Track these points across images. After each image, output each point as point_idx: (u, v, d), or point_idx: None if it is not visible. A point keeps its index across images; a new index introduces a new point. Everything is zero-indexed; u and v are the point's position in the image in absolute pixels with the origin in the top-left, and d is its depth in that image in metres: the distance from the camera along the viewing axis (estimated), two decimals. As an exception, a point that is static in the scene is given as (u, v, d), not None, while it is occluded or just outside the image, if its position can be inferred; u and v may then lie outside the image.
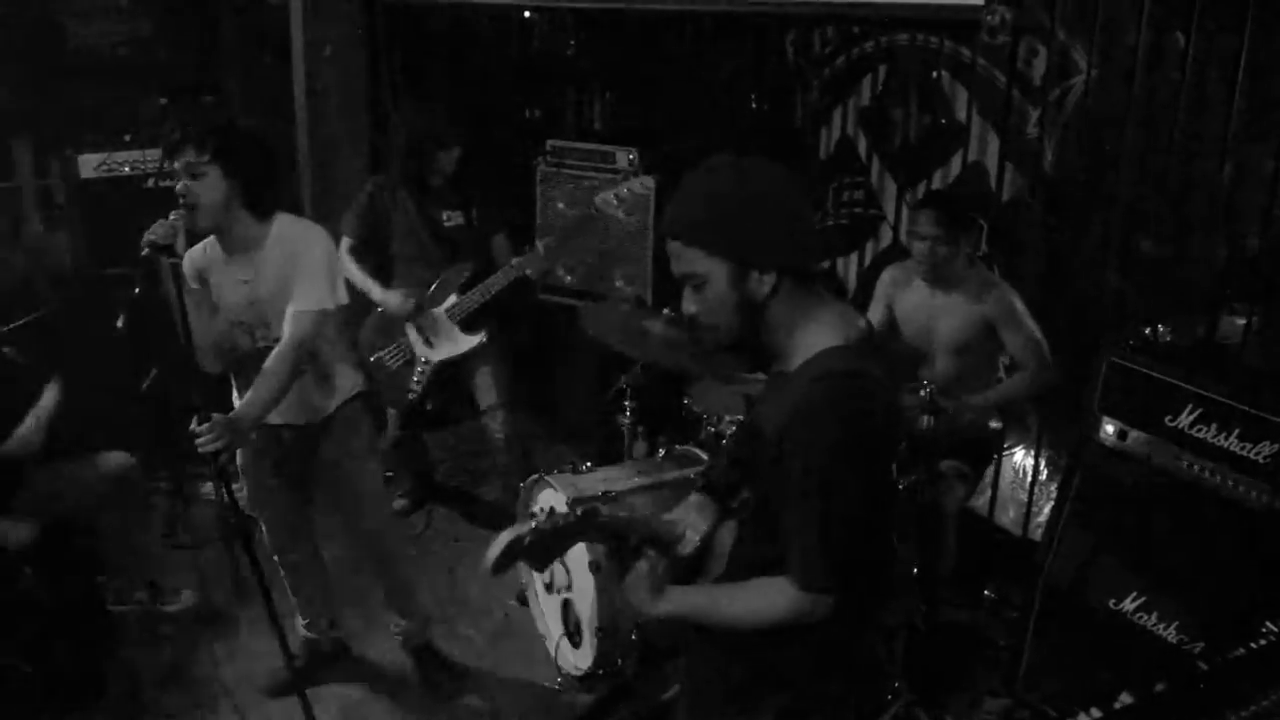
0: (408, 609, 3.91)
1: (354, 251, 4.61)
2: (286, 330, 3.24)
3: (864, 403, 1.90)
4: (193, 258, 3.34)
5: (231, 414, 3.14)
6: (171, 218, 3.04)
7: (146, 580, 4.27)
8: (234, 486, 3.33)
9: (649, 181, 4.39)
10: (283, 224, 3.32)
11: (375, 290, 4.57)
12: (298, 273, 3.23)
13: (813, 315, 1.99)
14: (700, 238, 1.94)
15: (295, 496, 3.75)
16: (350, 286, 4.64)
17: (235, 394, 3.51)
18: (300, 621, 3.92)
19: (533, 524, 2.10)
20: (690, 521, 2.28)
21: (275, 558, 3.79)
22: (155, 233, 2.98)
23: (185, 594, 4.26)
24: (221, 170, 3.11)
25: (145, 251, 2.97)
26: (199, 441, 2.98)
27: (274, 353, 3.23)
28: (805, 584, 1.93)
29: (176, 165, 3.12)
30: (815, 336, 1.97)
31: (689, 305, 2.01)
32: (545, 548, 2.12)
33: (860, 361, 1.94)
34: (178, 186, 3.11)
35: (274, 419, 3.35)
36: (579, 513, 2.17)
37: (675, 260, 1.99)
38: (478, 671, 3.99)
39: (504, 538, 2.08)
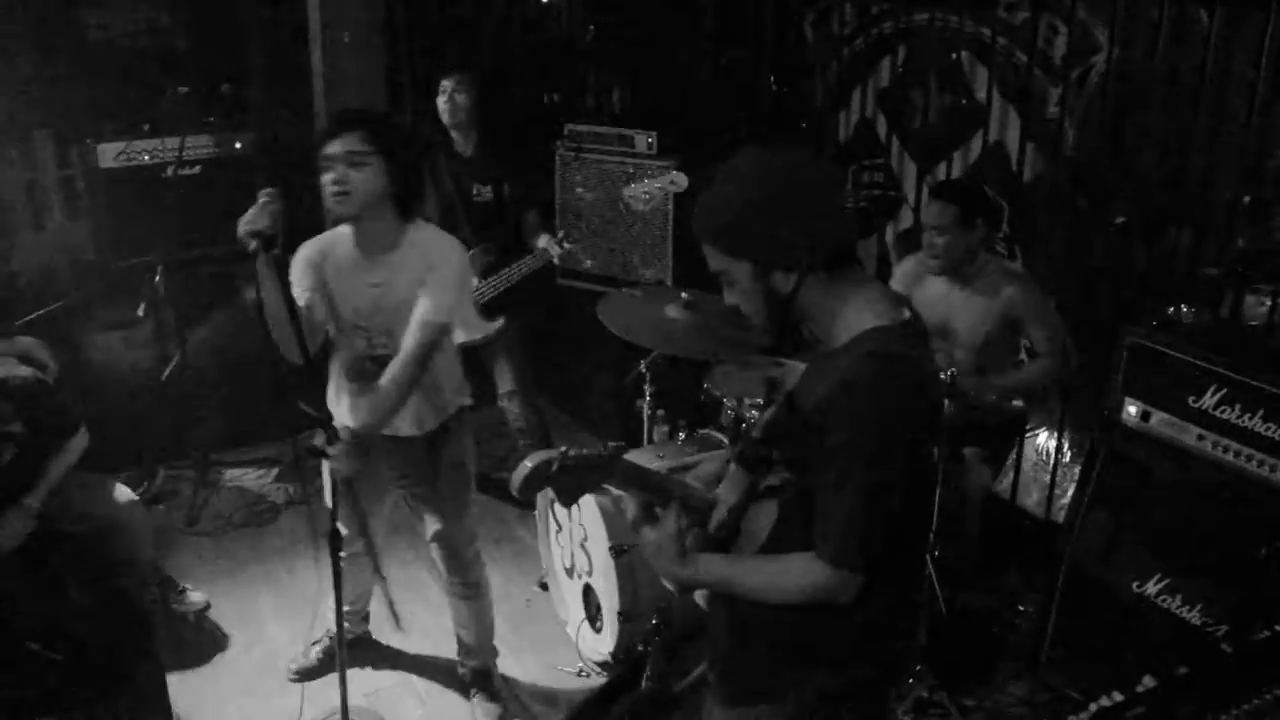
0: (477, 640, 3.73)
1: None
2: (412, 338, 3.06)
3: (904, 383, 1.90)
4: (319, 247, 3.17)
5: (357, 428, 3.00)
6: (262, 200, 2.79)
7: (159, 576, 4.21)
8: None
9: (682, 180, 4.35)
10: (421, 230, 3.15)
11: None
12: (431, 281, 3.06)
13: (851, 297, 1.98)
14: (721, 241, 1.97)
15: (376, 496, 3.53)
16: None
17: (333, 393, 3.34)
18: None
19: (561, 449, 2.07)
20: (720, 493, 2.28)
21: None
22: (258, 222, 2.73)
23: (196, 596, 4.22)
24: (384, 164, 2.96)
25: (253, 246, 2.72)
26: (333, 465, 2.90)
27: (398, 362, 3.07)
28: (834, 559, 1.92)
29: (333, 149, 2.92)
30: (857, 316, 1.96)
31: (729, 298, 2.05)
32: (573, 479, 2.09)
33: (902, 343, 1.94)
34: (332, 173, 2.92)
35: (358, 422, 3.14)
36: (609, 446, 2.13)
37: (708, 258, 2.02)
38: (500, 656, 3.99)
39: (533, 460, 2.05)
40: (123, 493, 4.02)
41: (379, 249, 3.10)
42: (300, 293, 3.10)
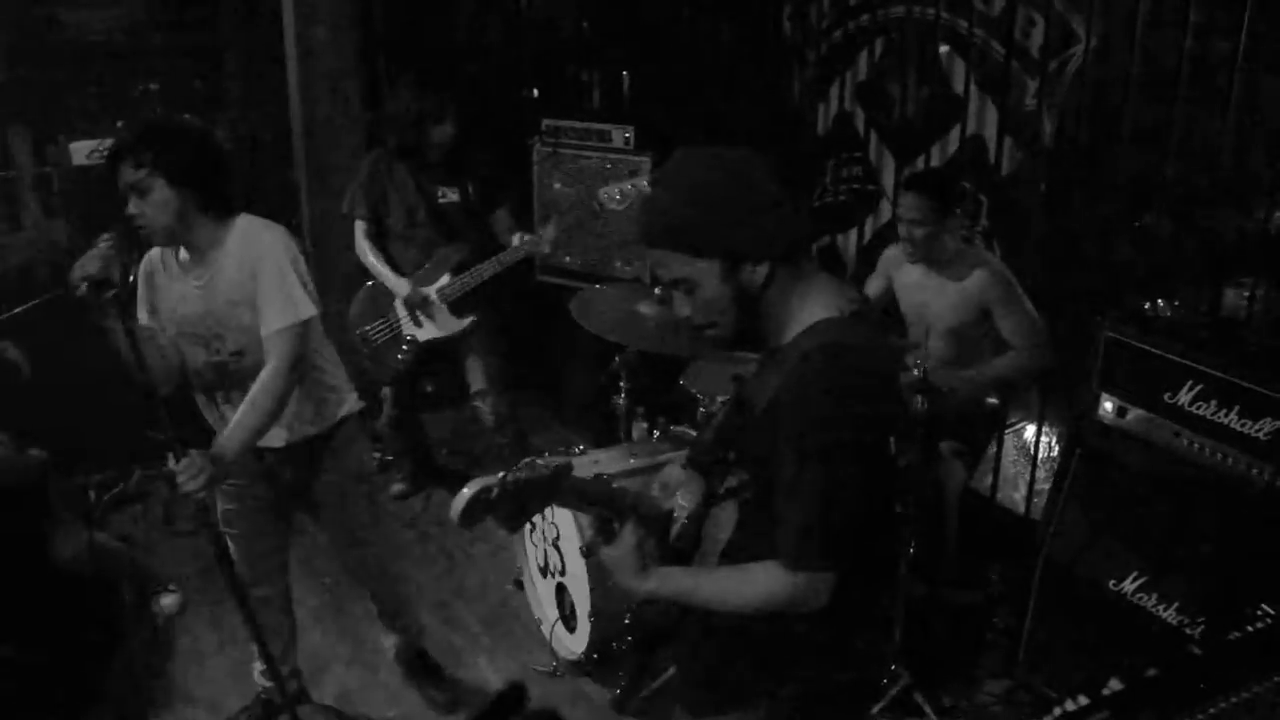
0: (401, 623, 3.75)
1: (370, 236, 4.53)
2: (270, 354, 2.94)
3: (855, 373, 1.85)
4: (151, 258, 3.05)
5: (213, 448, 2.82)
6: (102, 245, 2.71)
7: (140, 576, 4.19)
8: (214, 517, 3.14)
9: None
10: (243, 226, 2.99)
11: (390, 278, 4.50)
12: (263, 289, 2.92)
13: (804, 292, 1.94)
14: (684, 241, 1.89)
15: (270, 523, 3.37)
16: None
17: (204, 410, 3.22)
18: (257, 667, 3.55)
19: (500, 475, 1.98)
20: (676, 501, 2.23)
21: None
22: (88, 268, 2.66)
23: (170, 600, 4.19)
24: (166, 180, 2.80)
25: (81, 290, 2.66)
26: (179, 481, 2.70)
27: (260, 378, 2.93)
28: (796, 562, 1.86)
29: (120, 182, 2.81)
30: (807, 310, 1.92)
31: (681, 309, 1.97)
32: (515, 504, 2.00)
33: (852, 332, 1.89)
34: (128, 207, 2.82)
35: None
36: (551, 468, 2.05)
37: (660, 268, 1.94)
38: (473, 657, 3.97)
39: (472, 487, 1.98)
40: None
41: (204, 248, 2.97)
42: (143, 311, 3.04)
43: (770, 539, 1.90)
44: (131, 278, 2.88)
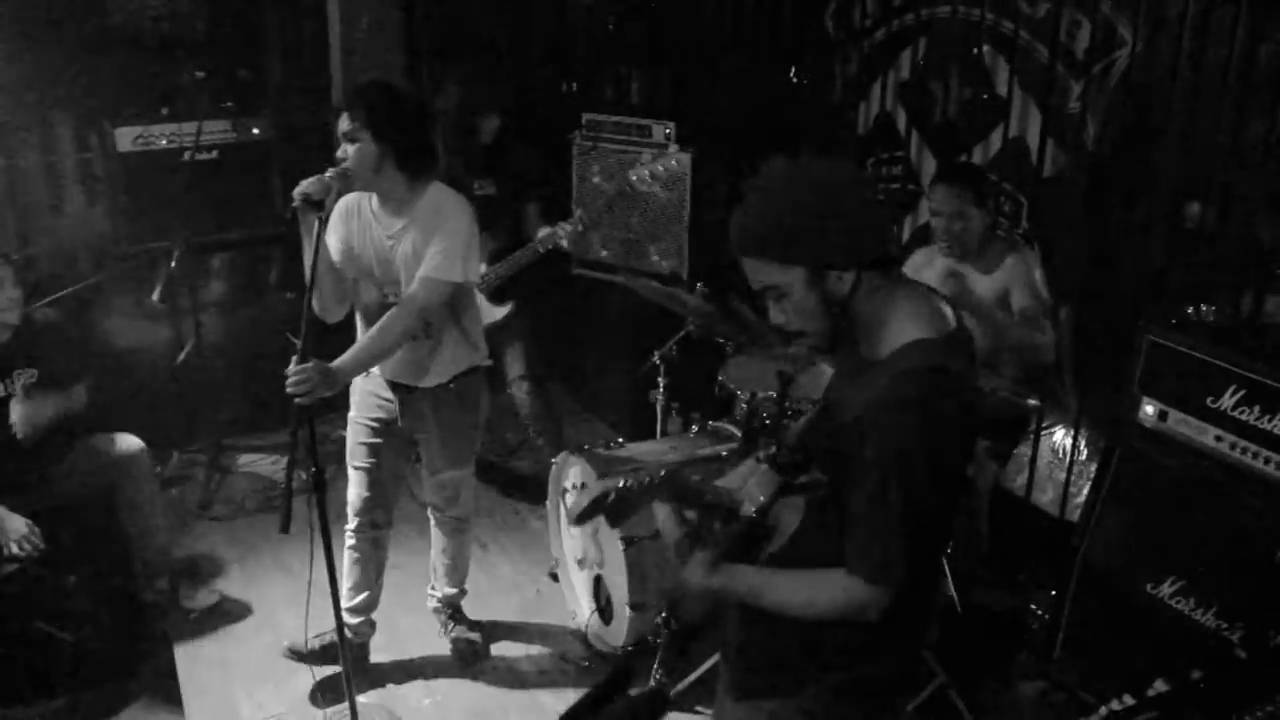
0: (456, 579, 3.94)
1: None
2: (411, 293, 3.28)
3: (949, 400, 1.87)
4: (350, 202, 3.41)
5: (331, 364, 3.13)
6: (327, 175, 3.13)
7: (169, 570, 4.21)
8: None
9: (683, 157, 4.36)
10: (437, 191, 3.37)
11: None
12: (435, 242, 3.26)
13: (898, 304, 1.96)
14: (772, 250, 1.93)
15: (390, 461, 3.67)
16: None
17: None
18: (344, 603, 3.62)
19: (621, 482, 2.15)
20: (748, 492, 2.26)
21: (351, 527, 3.69)
22: (310, 188, 3.07)
23: (203, 593, 4.22)
24: (371, 135, 3.18)
25: (296, 203, 3.07)
26: (289, 382, 2.96)
27: (391, 312, 3.30)
28: (872, 576, 1.90)
29: (339, 131, 3.23)
30: (903, 326, 1.94)
31: (775, 316, 2.01)
32: (627, 505, 2.17)
33: (947, 357, 1.92)
34: (339, 152, 3.23)
35: (384, 373, 3.49)
36: (661, 475, 2.19)
37: (752, 275, 1.99)
38: (508, 647, 4.00)
39: (589, 493, 2.15)
40: (129, 441, 4.05)
41: (395, 205, 3.34)
42: (334, 244, 3.38)
43: (832, 539, 1.95)
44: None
